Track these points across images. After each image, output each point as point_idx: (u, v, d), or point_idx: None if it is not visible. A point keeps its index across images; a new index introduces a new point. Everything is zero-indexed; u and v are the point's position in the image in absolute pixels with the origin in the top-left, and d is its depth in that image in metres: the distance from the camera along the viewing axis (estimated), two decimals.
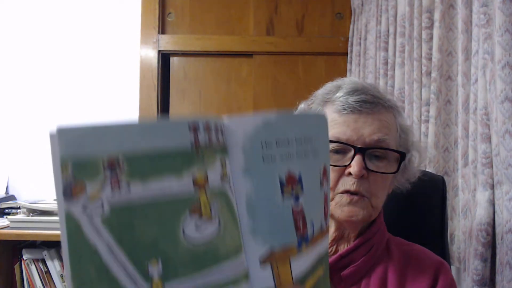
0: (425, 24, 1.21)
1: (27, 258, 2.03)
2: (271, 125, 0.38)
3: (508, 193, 0.79)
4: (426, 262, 0.69)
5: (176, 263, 0.33)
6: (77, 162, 0.31)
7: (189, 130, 0.34)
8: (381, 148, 0.66)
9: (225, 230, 0.35)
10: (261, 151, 0.38)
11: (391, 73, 1.52)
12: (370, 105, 0.67)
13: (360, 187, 0.65)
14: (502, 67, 0.78)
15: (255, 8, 2.31)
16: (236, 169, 0.37)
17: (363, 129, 0.66)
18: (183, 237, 0.33)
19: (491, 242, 0.85)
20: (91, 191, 0.31)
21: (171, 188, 0.33)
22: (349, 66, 2.18)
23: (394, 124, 0.70)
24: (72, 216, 0.31)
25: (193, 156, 0.34)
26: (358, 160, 0.65)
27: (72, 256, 0.32)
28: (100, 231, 0.31)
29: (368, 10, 1.91)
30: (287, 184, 0.38)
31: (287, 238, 0.39)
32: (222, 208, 0.35)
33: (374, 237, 0.69)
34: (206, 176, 0.35)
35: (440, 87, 1.13)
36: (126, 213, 0.32)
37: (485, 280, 0.86)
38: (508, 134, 0.78)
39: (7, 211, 2.17)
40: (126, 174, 0.31)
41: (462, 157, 1.00)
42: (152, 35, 2.28)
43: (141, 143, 0.32)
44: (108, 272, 0.32)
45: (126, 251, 0.32)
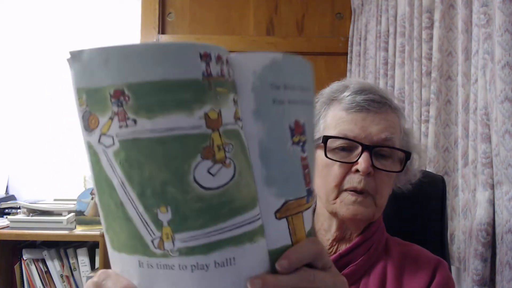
0: (425, 24, 1.21)
1: (27, 258, 2.03)
2: (278, 66, 0.34)
3: (508, 193, 0.79)
4: (424, 261, 0.70)
5: (186, 214, 0.30)
6: (89, 94, 0.31)
7: (199, 58, 0.30)
8: (388, 146, 0.67)
9: (241, 178, 0.32)
10: (271, 92, 0.34)
11: (391, 73, 1.52)
12: (378, 104, 0.68)
13: (367, 185, 0.66)
14: (502, 67, 0.78)
15: (255, 8, 2.31)
16: (247, 111, 0.33)
17: (371, 128, 0.66)
18: (194, 184, 0.30)
19: (491, 242, 0.85)
20: (103, 125, 0.31)
21: (180, 126, 0.30)
22: (349, 66, 2.18)
23: (399, 126, 0.71)
24: (92, 147, 0.32)
25: (205, 89, 0.30)
26: (366, 157, 0.65)
27: (97, 186, 0.33)
28: (113, 165, 0.31)
29: (368, 10, 1.91)
30: (295, 132, 0.35)
31: (299, 190, 0.36)
32: (236, 152, 0.32)
33: (374, 236, 0.70)
34: (220, 114, 0.31)
35: (440, 87, 1.13)
36: (134, 150, 0.30)
37: (485, 280, 0.86)
38: (508, 134, 0.78)
39: (7, 211, 2.17)
40: (132, 109, 0.29)
41: (462, 157, 1.00)
42: (152, 35, 2.28)
43: (146, 72, 0.29)
44: (124, 210, 0.31)
45: (136, 191, 0.30)
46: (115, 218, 0.32)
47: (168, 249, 0.31)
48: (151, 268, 0.32)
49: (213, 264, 0.31)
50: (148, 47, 0.29)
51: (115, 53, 0.30)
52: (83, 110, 0.31)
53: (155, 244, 0.31)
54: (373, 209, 0.67)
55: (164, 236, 0.31)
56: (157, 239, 0.31)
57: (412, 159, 0.73)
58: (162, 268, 0.32)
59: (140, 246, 0.32)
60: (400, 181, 0.74)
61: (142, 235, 0.31)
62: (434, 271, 0.69)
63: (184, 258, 0.31)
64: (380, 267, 0.69)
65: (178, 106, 0.29)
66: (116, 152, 0.30)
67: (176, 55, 0.29)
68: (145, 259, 0.32)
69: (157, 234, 0.31)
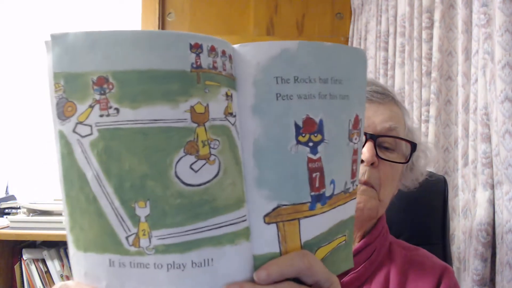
0: (425, 24, 1.21)
1: (27, 258, 2.03)
2: (290, 56, 0.32)
3: (508, 193, 0.79)
4: (429, 267, 0.67)
5: (165, 209, 0.29)
6: (68, 80, 0.29)
7: (189, 49, 0.29)
8: (392, 136, 0.65)
9: (225, 176, 0.30)
10: (275, 86, 0.32)
11: (391, 73, 1.52)
12: (381, 95, 0.66)
13: (371, 176, 0.63)
14: (502, 67, 0.78)
15: (255, 8, 2.31)
16: (245, 107, 0.31)
17: (375, 117, 0.65)
18: (175, 179, 0.29)
19: (491, 242, 0.85)
20: (81, 113, 0.29)
21: (164, 118, 0.29)
22: None
23: (403, 120, 0.69)
24: (64, 136, 0.30)
25: (192, 81, 0.29)
26: (369, 146, 0.63)
27: (65, 179, 0.30)
28: (88, 156, 0.29)
29: (368, 10, 1.91)
30: (304, 130, 0.32)
31: (298, 195, 0.33)
32: (223, 149, 0.30)
33: (376, 241, 0.67)
34: (207, 108, 0.30)
35: (440, 87, 1.13)
36: (114, 140, 0.29)
37: (485, 280, 0.86)
38: (508, 134, 0.78)
39: (7, 211, 2.17)
40: (115, 98, 0.29)
41: (462, 157, 1.00)
42: None
43: (133, 61, 0.28)
44: (97, 204, 0.29)
45: (113, 184, 0.29)
46: (84, 214, 0.30)
47: (144, 247, 0.29)
48: (123, 267, 0.30)
49: (190, 264, 0.30)
50: (138, 34, 0.29)
51: (102, 38, 0.29)
52: (58, 96, 0.30)
53: (130, 241, 0.29)
54: (376, 202, 0.64)
55: (140, 233, 0.29)
56: (133, 236, 0.29)
57: (418, 156, 0.71)
58: (136, 267, 0.30)
59: (112, 244, 0.30)
60: (406, 179, 0.72)
61: (115, 232, 0.29)
62: (439, 278, 0.66)
63: (160, 256, 0.29)
64: (383, 274, 0.66)
65: (163, 98, 0.28)
66: (93, 142, 0.29)
67: (166, 45, 0.29)
68: (116, 258, 0.30)
69: (132, 230, 0.29)
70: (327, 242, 0.36)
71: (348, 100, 0.35)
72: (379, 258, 0.67)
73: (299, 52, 0.32)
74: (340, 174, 0.35)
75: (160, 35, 0.29)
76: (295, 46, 0.32)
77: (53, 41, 0.29)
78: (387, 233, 0.71)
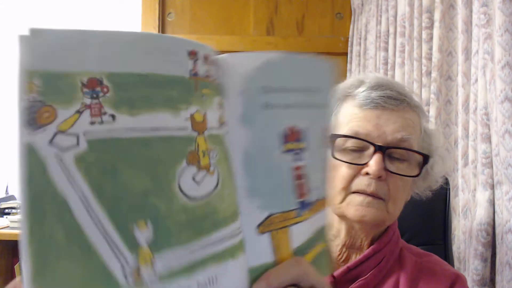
0: (425, 24, 1.21)
1: None
2: (274, 67, 0.32)
3: (508, 193, 0.79)
4: (440, 275, 0.64)
5: (170, 227, 0.26)
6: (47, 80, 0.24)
7: (188, 55, 0.27)
8: (404, 148, 0.61)
9: (224, 188, 0.29)
10: (263, 96, 0.31)
11: (391, 73, 1.52)
12: (395, 101, 0.61)
13: (378, 189, 0.60)
14: (502, 67, 0.78)
15: (255, 8, 2.31)
16: (233, 116, 0.31)
17: (386, 126, 0.60)
18: (179, 193, 0.26)
19: (491, 242, 0.85)
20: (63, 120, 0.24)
21: (166, 126, 0.26)
22: (349, 66, 2.18)
23: (419, 125, 0.65)
24: (35, 151, 0.24)
25: (191, 89, 0.27)
26: (378, 158, 0.59)
27: (31, 210, 0.23)
28: (72, 175, 0.24)
29: (368, 10, 1.91)
30: (290, 138, 0.32)
31: (287, 202, 0.32)
32: (220, 159, 0.29)
33: (385, 248, 0.65)
34: (205, 117, 0.28)
35: (440, 87, 1.13)
36: (108, 152, 0.24)
37: (485, 280, 0.86)
38: (508, 134, 0.78)
39: (7, 211, 2.17)
40: (111, 103, 0.24)
41: (462, 157, 1.00)
42: None
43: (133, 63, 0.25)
44: (82, 237, 0.24)
45: (106, 205, 0.24)
46: (60, 256, 0.23)
47: (147, 279, 0.25)
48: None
49: (196, 286, 0.27)
50: (136, 35, 0.26)
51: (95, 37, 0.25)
52: (30, 99, 0.24)
53: (128, 274, 0.24)
54: (383, 213, 0.61)
55: (141, 261, 0.25)
56: (132, 267, 0.24)
57: (433, 163, 0.66)
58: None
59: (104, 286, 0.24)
60: (419, 187, 0.68)
61: (108, 268, 0.24)
62: (451, 287, 0.63)
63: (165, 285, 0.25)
64: (392, 282, 0.63)
65: (165, 104, 0.26)
66: (80, 156, 0.24)
67: (166, 49, 0.26)
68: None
69: (131, 261, 0.24)
70: (311, 249, 0.35)
71: (325, 109, 0.36)
72: (389, 265, 0.65)
73: (284, 63, 0.32)
74: (319, 180, 0.35)
75: (159, 38, 0.28)
76: (278, 57, 0.32)
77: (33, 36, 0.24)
78: (398, 239, 0.68)
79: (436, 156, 0.66)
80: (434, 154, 0.66)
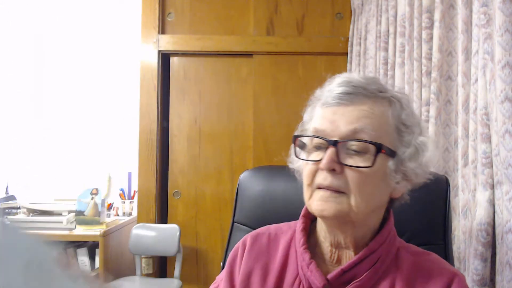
0: (425, 24, 1.21)
1: None
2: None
3: (508, 193, 0.79)
4: (437, 275, 0.63)
5: None
6: None
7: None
8: (355, 140, 0.61)
9: None
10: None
11: (391, 73, 1.52)
12: (349, 96, 0.63)
13: (333, 182, 0.61)
14: (502, 67, 0.79)
15: (255, 8, 2.31)
16: None
17: (340, 120, 0.62)
18: None
19: (491, 242, 0.85)
20: None
21: None
22: (349, 66, 2.18)
23: (385, 115, 0.63)
24: None
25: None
26: (329, 152, 0.61)
27: None
28: None
29: (368, 10, 1.91)
30: None
31: None
32: None
33: (380, 248, 0.64)
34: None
35: (440, 87, 1.13)
36: None
37: (485, 280, 0.86)
38: (508, 134, 0.78)
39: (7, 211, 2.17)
40: None
41: (462, 157, 1.00)
42: (152, 35, 2.28)
43: None
44: None
45: None
46: None
47: None
48: None
49: None
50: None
51: None
52: None
53: None
54: (344, 207, 0.60)
55: None
56: None
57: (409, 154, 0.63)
58: None
59: None
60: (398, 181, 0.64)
61: None
62: (448, 286, 0.62)
63: None
64: (388, 283, 0.63)
65: None
66: None
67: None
68: None
69: None
70: None
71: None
72: (384, 266, 0.64)
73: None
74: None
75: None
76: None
77: None
78: (394, 238, 0.67)
79: (411, 147, 0.64)
80: (410, 145, 0.64)
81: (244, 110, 2.32)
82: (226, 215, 2.27)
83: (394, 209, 0.70)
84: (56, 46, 2.47)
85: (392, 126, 0.64)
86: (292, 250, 0.69)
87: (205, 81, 2.33)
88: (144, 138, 2.27)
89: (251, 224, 0.90)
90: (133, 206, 2.35)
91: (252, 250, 0.71)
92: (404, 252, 0.67)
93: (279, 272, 0.68)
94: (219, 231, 2.30)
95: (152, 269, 2.23)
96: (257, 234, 0.73)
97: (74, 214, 1.98)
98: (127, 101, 2.44)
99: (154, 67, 2.27)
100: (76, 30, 2.47)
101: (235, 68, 2.33)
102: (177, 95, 2.33)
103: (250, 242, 0.72)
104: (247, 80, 2.32)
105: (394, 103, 0.65)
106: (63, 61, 2.47)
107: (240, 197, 0.94)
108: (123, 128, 2.43)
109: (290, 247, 0.70)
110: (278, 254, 0.70)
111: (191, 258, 2.29)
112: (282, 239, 0.72)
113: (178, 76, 2.34)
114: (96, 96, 2.47)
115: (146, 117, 2.27)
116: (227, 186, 2.30)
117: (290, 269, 0.68)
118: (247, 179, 0.94)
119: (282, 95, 2.29)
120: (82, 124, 2.46)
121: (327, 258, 0.67)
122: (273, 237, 0.72)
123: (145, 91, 2.27)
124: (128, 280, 1.99)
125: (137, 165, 2.26)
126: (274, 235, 0.73)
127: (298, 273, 0.66)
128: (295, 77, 2.30)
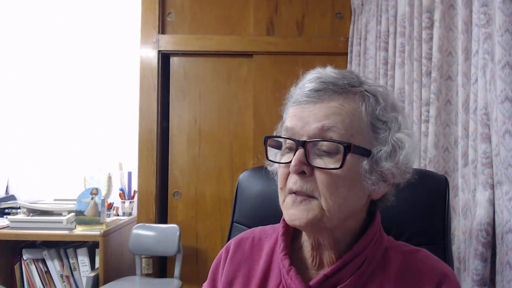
0: (425, 24, 1.21)
1: (27, 258, 2.03)
2: None
3: (508, 193, 0.79)
4: (427, 274, 0.61)
5: None
6: None
7: None
8: (323, 140, 0.57)
9: None
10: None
11: (391, 73, 1.52)
12: (318, 92, 0.59)
13: (303, 185, 0.57)
14: (502, 67, 0.78)
15: (255, 8, 2.31)
16: None
17: (308, 118, 0.59)
18: None
19: (491, 242, 0.85)
20: None
21: None
22: (349, 66, 2.18)
23: (357, 112, 0.59)
24: None
25: None
26: (297, 154, 0.57)
27: None
28: None
29: (368, 10, 1.91)
30: None
31: None
32: None
33: (365, 251, 0.60)
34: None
35: (440, 87, 1.13)
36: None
37: (485, 280, 0.86)
38: (508, 134, 0.78)
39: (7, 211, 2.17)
40: None
41: (462, 157, 1.00)
42: (152, 35, 2.28)
43: None
44: None
45: None
46: None
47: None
48: None
49: None
50: None
51: None
52: None
53: None
54: (317, 213, 0.57)
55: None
56: None
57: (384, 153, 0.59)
58: None
59: None
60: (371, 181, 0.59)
61: None
62: (438, 286, 0.59)
63: None
64: (375, 286, 0.60)
65: None
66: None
67: None
68: None
69: None
70: None
71: None
72: (370, 269, 0.61)
73: None
74: None
75: None
76: None
77: None
78: (381, 239, 0.64)
79: (388, 145, 0.60)
80: (386, 143, 0.60)
81: (244, 110, 2.32)
82: (226, 215, 2.27)
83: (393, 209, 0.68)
84: (56, 46, 2.47)
85: (366, 123, 0.60)
86: (276, 255, 0.67)
87: (205, 81, 2.33)
88: (144, 138, 2.27)
89: (250, 224, 0.89)
90: (133, 206, 2.35)
91: (234, 257, 0.69)
92: (392, 252, 0.64)
93: (262, 279, 0.65)
94: (219, 231, 2.30)
95: (152, 269, 2.23)
96: (240, 239, 0.71)
97: (74, 214, 1.98)
98: (127, 101, 2.44)
99: (154, 67, 2.27)
100: (76, 30, 2.47)
101: (235, 68, 2.33)
102: (177, 95, 2.33)
103: (233, 248, 0.70)
104: (247, 80, 2.32)
105: (368, 98, 0.61)
106: (63, 61, 2.47)
107: (239, 197, 0.94)
108: (123, 128, 2.43)
109: (274, 252, 0.67)
110: (261, 260, 0.67)
111: (191, 258, 2.29)
112: (266, 243, 0.69)
113: (178, 76, 2.34)
114: (96, 96, 2.47)
115: (146, 117, 2.27)
116: (227, 186, 2.30)
117: (273, 275, 0.65)
118: (247, 179, 0.94)
119: (282, 95, 2.28)
120: (82, 124, 2.46)
121: (308, 262, 0.64)
122: (257, 242, 0.70)
123: (145, 91, 2.27)
124: (128, 280, 1.99)
125: (137, 165, 2.26)
126: (258, 239, 0.70)
127: (281, 279, 0.64)
128: (295, 77, 2.29)
